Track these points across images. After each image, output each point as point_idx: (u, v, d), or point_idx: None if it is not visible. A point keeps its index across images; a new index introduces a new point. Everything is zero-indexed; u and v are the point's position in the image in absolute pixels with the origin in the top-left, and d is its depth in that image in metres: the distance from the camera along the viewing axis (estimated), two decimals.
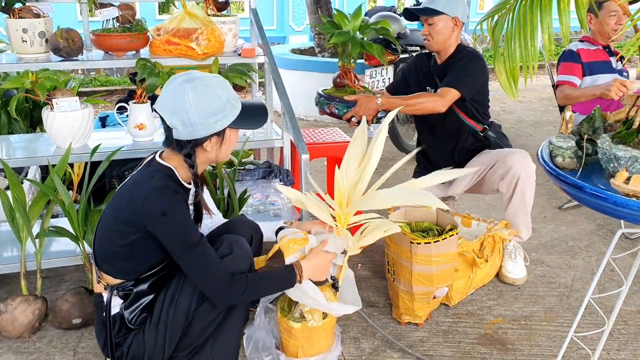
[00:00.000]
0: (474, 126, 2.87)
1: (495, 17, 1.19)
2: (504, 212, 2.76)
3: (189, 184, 1.90)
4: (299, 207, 2.17)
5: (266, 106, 1.97)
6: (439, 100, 2.64)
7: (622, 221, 3.15)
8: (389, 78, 4.38)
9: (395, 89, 3.01)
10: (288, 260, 2.00)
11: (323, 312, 2.09)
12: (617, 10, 3.11)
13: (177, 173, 1.84)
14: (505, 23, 1.16)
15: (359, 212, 2.06)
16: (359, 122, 2.61)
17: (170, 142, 1.83)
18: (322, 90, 2.86)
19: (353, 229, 2.11)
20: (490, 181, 2.77)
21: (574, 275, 2.85)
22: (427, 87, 2.89)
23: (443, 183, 2.81)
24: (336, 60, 3.56)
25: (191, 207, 1.94)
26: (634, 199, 1.16)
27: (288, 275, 1.93)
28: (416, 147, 2.98)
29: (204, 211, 2.02)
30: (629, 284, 1.55)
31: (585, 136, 1.38)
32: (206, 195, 2.09)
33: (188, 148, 1.80)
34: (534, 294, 2.68)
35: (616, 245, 1.65)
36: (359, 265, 2.90)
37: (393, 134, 4.50)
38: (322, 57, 6.41)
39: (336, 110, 2.82)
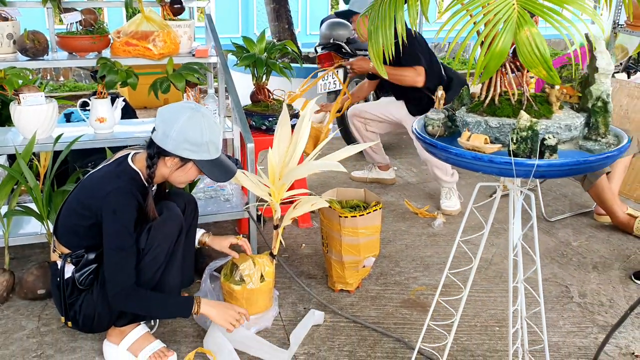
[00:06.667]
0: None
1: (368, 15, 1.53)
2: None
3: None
4: (236, 183, 2.45)
5: (235, 172, 2.19)
6: (418, 77, 3.28)
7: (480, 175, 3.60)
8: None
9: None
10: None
11: (261, 276, 2.38)
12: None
13: (142, 176, 2.13)
14: (373, 18, 1.49)
15: (291, 188, 2.37)
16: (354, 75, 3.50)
17: (149, 143, 2.12)
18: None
19: (286, 208, 2.41)
20: None
21: (494, 251, 3.19)
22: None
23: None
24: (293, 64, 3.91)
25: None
26: (473, 152, 1.50)
27: (185, 307, 2.12)
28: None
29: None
30: (489, 227, 1.89)
31: (456, 111, 1.71)
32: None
33: (154, 150, 2.09)
34: (457, 267, 3.00)
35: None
36: (303, 245, 3.21)
37: (346, 136, 4.81)
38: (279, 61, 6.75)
39: (254, 123, 3.30)
